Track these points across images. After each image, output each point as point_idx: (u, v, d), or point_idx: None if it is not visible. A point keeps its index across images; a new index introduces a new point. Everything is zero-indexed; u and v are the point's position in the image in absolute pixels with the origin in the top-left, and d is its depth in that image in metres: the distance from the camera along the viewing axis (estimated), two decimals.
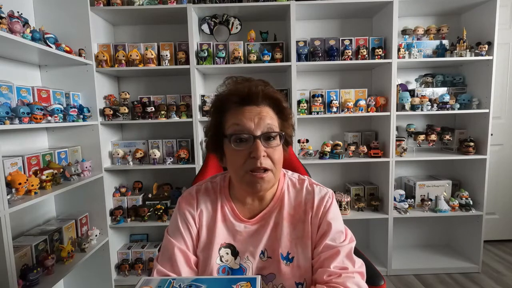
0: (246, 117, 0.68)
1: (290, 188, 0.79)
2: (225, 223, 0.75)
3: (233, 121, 0.69)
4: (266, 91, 0.71)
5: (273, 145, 0.69)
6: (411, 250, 2.37)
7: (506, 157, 2.45)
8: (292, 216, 0.75)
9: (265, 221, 0.75)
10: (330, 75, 2.29)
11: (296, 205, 0.76)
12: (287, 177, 0.81)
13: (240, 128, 0.67)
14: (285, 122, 0.74)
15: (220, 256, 0.73)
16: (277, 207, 0.76)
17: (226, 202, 0.77)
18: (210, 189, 0.79)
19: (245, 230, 0.74)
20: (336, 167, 2.35)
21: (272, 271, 0.71)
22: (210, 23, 2.11)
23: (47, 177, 1.45)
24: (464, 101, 2.05)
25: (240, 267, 0.72)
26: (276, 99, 0.72)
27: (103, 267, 1.94)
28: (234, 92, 0.71)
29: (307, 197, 0.76)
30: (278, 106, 0.73)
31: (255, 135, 0.67)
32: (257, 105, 0.70)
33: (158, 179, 2.26)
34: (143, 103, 2.04)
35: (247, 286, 0.55)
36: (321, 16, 2.18)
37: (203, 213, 0.76)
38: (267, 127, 0.68)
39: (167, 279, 0.58)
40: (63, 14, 1.73)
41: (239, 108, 0.69)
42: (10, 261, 1.18)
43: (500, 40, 2.11)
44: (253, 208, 0.77)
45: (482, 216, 2.06)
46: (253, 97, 0.69)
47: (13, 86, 1.38)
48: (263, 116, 0.68)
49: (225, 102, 0.71)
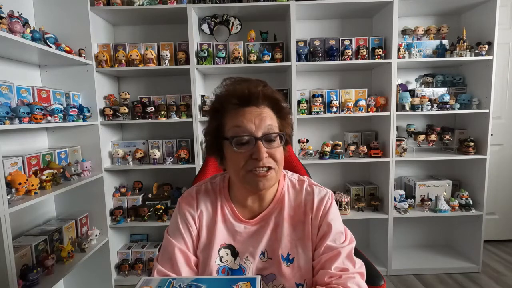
0: (247, 118, 0.67)
1: (290, 189, 0.79)
2: (225, 224, 0.75)
3: (234, 123, 0.68)
4: (265, 91, 0.70)
5: (275, 145, 0.69)
6: (411, 250, 2.37)
7: (506, 157, 2.45)
8: (292, 217, 0.75)
9: (265, 222, 0.75)
10: (330, 75, 2.29)
11: (296, 206, 0.76)
12: (287, 178, 0.81)
13: (241, 130, 0.67)
14: (284, 121, 0.74)
15: (220, 257, 0.73)
16: (277, 208, 0.76)
17: (226, 203, 0.77)
18: (210, 189, 0.79)
19: (245, 231, 0.74)
20: (336, 167, 2.35)
21: (273, 271, 0.71)
22: (210, 23, 2.11)
23: (47, 177, 1.45)
24: (464, 101, 2.05)
25: (240, 267, 0.72)
26: (275, 99, 0.72)
27: (103, 267, 1.94)
28: (233, 94, 0.70)
29: (307, 198, 0.76)
30: (277, 106, 0.73)
31: (257, 136, 0.66)
32: (257, 106, 0.69)
33: (158, 179, 2.26)
34: (143, 103, 2.04)
35: (247, 286, 0.55)
36: (321, 16, 2.18)
37: (203, 213, 0.76)
38: (268, 128, 0.68)
39: (167, 279, 0.58)
40: (63, 14, 1.73)
41: (239, 110, 0.69)
42: (10, 261, 1.18)
43: (500, 40, 2.11)
44: (253, 209, 0.77)
45: (482, 216, 2.06)
46: (253, 98, 0.68)
47: (13, 86, 1.38)
48: (264, 117, 0.68)
49: (224, 104, 0.71)
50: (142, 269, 2.08)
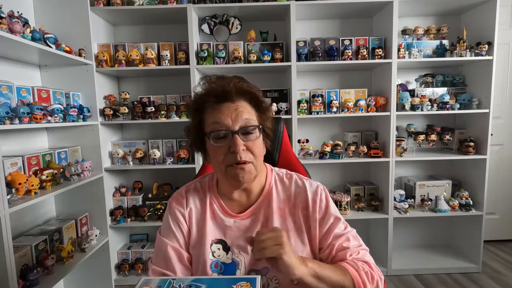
0: (224, 114, 0.70)
1: (278, 183, 0.81)
2: (215, 220, 0.78)
3: (212, 119, 0.71)
4: (239, 86, 0.73)
5: (252, 138, 0.71)
6: (411, 250, 2.37)
7: (506, 157, 2.45)
8: (282, 210, 0.77)
9: (255, 216, 0.77)
10: (330, 75, 2.29)
11: (285, 199, 0.78)
12: (274, 172, 0.83)
13: (219, 125, 0.70)
14: (263, 114, 0.76)
15: (212, 252, 0.74)
16: (266, 201, 0.78)
17: (215, 199, 0.79)
18: (198, 188, 0.82)
19: (235, 225, 0.76)
20: (336, 167, 2.35)
21: (266, 265, 0.72)
22: (210, 23, 2.11)
23: (47, 177, 1.45)
24: (464, 101, 2.05)
25: (232, 261, 0.74)
26: (250, 93, 0.75)
27: (103, 267, 1.94)
28: (209, 92, 0.74)
29: (297, 190, 0.78)
30: (255, 100, 0.75)
31: (233, 130, 0.69)
32: (232, 101, 0.72)
33: (158, 179, 2.26)
34: (143, 103, 2.04)
35: (247, 286, 0.55)
36: (321, 16, 2.18)
37: (192, 211, 0.78)
38: (245, 121, 0.71)
39: (167, 279, 0.58)
40: (63, 14, 1.73)
41: (216, 106, 0.72)
42: (10, 261, 1.18)
43: (500, 40, 2.11)
44: (241, 203, 0.79)
45: (482, 216, 2.06)
46: (227, 94, 0.72)
47: (13, 86, 1.38)
48: (240, 112, 0.71)
49: (202, 102, 0.74)
50: (142, 269, 2.08)
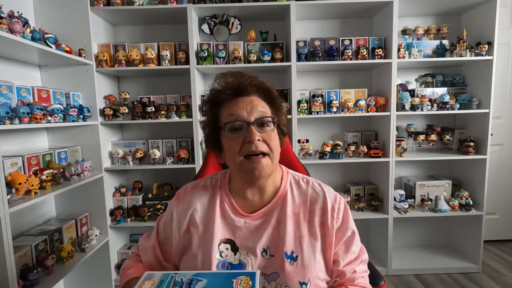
0: (239, 107, 0.72)
1: (294, 186, 0.79)
2: (224, 219, 0.76)
3: (227, 112, 0.73)
4: (254, 82, 0.75)
5: (267, 130, 0.72)
6: (411, 250, 2.37)
7: (506, 157, 2.45)
8: (296, 215, 0.75)
9: (267, 218, 0.75)
10: (330, 75, 2.29)
11: (301, 204, 0.76)
12: (290, 175, 0.82)
13: (234, 117, 0.71)
14: (278, 111, 0.77)
15: (220, 251, 0.73)
16: (280, 204, 0.76)
17: (226, 198, 0.78)
18: (208, 185, 0.81)
19: (245, 226, 0.75)
20: (336, 167, 2.35)
21: (276, 270, 0.71)
22: (210, 23, 2.11)
23: (47, 177, 1.45)
24: (464, 101, 2.05)
25: (240, 262, 0.72)
26: (265, 89, 0.76)
27: (103, 267, 1.94)
28: (225, 86, 0.75)
29: (314, 195, 0.77)
30: (269, 96, 0.76)
31: (249, 121, 0.70)
32: (248, 95, 0.74)
33: (158, 179, 2.26)
34: (143, 103, 2.04)
35: (246, 280, 0.55)
36: (321, 16, 2.18)
37: (197, 209, 0.77)
38: (260, 113, 0.72)
39: (169, 273, 0.59)
40: (63, 14, 1.73)
41: (232, 100, 0.74)
42: (10, 261, 1.18)
43: (500, 40, 2.11)
44: (254, 203, 0.77)
45: (482, 216, 2.06)
46: (243, 88, 0.74)
47: (13, 86, 1.38)
48: (255, 105, 0.72)
49: (218, 97, 0.76)
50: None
